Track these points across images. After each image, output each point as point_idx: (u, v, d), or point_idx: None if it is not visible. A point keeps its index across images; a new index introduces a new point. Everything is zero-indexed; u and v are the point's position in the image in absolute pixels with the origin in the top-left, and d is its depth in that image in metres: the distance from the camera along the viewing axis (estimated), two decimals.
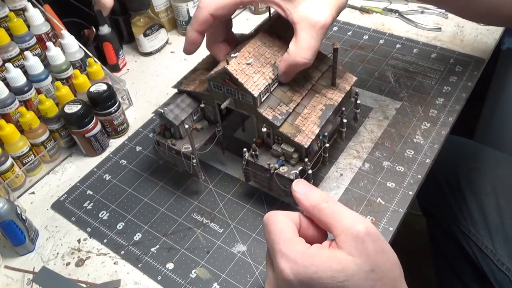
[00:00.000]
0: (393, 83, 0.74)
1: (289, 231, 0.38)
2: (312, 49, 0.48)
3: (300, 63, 0.48)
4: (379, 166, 0.61)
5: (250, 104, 0.51)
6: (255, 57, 0.51)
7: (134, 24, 0.83)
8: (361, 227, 0.36)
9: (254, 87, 0.49)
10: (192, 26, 0.52)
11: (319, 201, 0.39)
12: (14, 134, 0.60)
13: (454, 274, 0.83)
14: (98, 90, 0.64)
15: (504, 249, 0.71)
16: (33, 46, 0.69)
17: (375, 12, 0.91)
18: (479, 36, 0.82)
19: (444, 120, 0.66)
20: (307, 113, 0.53)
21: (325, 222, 0.38)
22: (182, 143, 0.56)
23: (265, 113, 0.51)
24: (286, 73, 0.51)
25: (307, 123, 0.52)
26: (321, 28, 0.47)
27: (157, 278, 0.52)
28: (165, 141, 0.56)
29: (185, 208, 0.59)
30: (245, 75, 0.49)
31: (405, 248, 1.16)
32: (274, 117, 0.51)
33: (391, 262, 0.37)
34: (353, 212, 0.38)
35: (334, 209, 0.38)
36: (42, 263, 0.55)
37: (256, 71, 0.50)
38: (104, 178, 0.64)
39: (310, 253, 0.36)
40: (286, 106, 0.52)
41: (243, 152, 0.53)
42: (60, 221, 0.59)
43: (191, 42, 0.53)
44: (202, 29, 0.51)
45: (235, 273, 0.52)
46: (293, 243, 0.38)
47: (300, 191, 0.41)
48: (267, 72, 0.51)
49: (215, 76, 0.51)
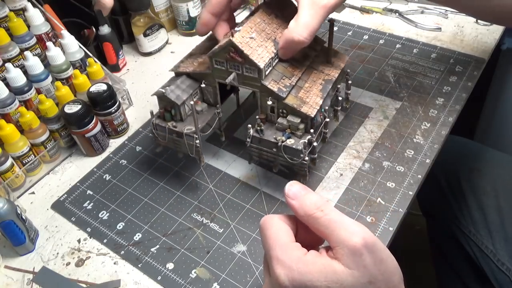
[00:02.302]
0: (393, 83, 0.74)
1: (285, 236, 0.38)
2: (310, 28, 0.48)
3: (295, 40, 0.49)
4: (379, 166, 0.61)
5: (254, 78, 0.52)
6: (256, 33, 0.52)
7: (134, 24, 0.83)
8: (358, 239, 0.35)
9: (260, 59, 0.50)
10: (207, 8, 0.53)
11: (313, 210, 0.37)
12: (14, 134, 0.60)
13: (454, 274, 0.83)
14: (98, 90, 0.64)
15: (504, 249, 0.71)
16: (33, 46, 0.69)
17: (375, 12, 0.91)
18: (479, 36, 0.82)
19: (444, 120, 0.66)
20: (308, 86, 0.55)
21: (321, 232, 0.37)
22: (183, 125, 0.55)
23: (270, 85, 0.52)
24: (284, 49, 0.51)
25: (310, 95, 0.54)
26: (322, 8, 0.47)
27: (157, 278, 0.52)
28: (165, 124, 0.56)
29: (185, 208, 0.59)
30: (249, 47, 0.50)
31: (405, 248, 1.16)
32: (279, 89, 0.52)
33: (390, 270, 0.36)
34: (349, 221, 0.36)
35: (330, 219, 0.36)
36: (42, 263, 0.55)
37: (259, 45, 0.51)
38: (104, 178, 0.64)
39: (306, 260, 0.36)
40: (289, 80, 0.53)
41: (247, 129, 0.53)
42: (60, 221, 0.59)
43: (204, 23, 0.54)
44: (217, 11, 0.52)
45: (235, 273, 0.52)
46: (289, 249, 0.37)
47: (294, 197, 0.38)
48: (269, 47, 0.52)
49: (218, 52, 0.51)
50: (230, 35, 0.50)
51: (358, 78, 0.75)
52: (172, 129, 0.55)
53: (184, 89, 0.56)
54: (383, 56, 0.79)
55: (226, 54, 0.51)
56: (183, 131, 0.55)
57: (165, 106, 0.55)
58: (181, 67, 0.58)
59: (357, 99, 0.71)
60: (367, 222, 0.54)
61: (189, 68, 0.57)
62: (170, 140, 0.57)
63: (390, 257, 0.36)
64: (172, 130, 0.55)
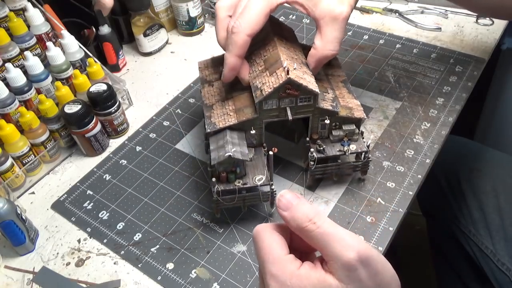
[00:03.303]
0: (393, 83, 0.74)
1: (279, 249, 0.37)
2: (338, 41, 0.51)
3: (329, 56, 0.52)
4: (379, 166, 0.61)
5: (309, 105, 0.53)
6: (290, 61, 0.52)
7: (134, 24, 0.83)
8: (352, 254, 0.34)
9: (312, 85, 0.51)
10: (232, 52, 0.50)
11: (305, 223, 0.36)
12: (14, 134, 0.60)
13: (454, 274, 0.83)
14: (98, 90, 0.64)
15: (504, 249, 0.71)
16: (33, 46, 0.69)
17: (375, 12, 0.91)
18: (479, 36, 0.82)
19: (444, 120, 0.66)
20: (339, 93, 0.58)
21: (314, 244, 0.36)
22: (247, 178, 0.52)
23: (325, 106, 0.54)
24: (316, 68, 0.54)
25: (346, 99, 0.57)
26: (343, 20, 0.50)
27: (157, 278, 0.52)
28: (232, 185, 0.51)
29: (185, 208, 0.59)
30: (300, 78, 0.50)
31: (405, 248, 1.16)
32: (332, 106, 0.54)
33: (386, 281, 0.35)
34: (342, 233, 0.35)
35: (323, 232, 0.35)
36: (42, 263, 0.55)
37: (303, 72, 0.52)
38: (104, 178, 0.64)
39: (300, 275, 0.35)
40: (328, 94, 0.56)
41: (309, 153, 0.55)
42: (60, 221, 0.59)
43: (232, 68, 0.52)
44: (242, 52, 0.51)
45: (235, 273, 0.52)
46: (283, 262, 0.36)
47: (285, 208, 0.37)
48: (307, 71, 0.53)
49: (272, 93, 0.50)
50: (285, 72, 0.49)
51: (358, 78, 0.76)
52: (243, 187, 0.52)
53: (238, 143, 0.52)
54: (383, 56, 0.79)
55: (281, 92, 0.50)
56: (256, 184, 0.52)
57: (226, 168, 0.51)
58: (215, 120, 0.54)
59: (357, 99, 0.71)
60: (367, 222, 0.55)
61: (230, 121, 0.53)
62: (240, 199, 0.53)
63: (386, 267, 0.36)
64: (243, 188, 0.52)
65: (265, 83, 0.51)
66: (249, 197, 0.53)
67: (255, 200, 0.54)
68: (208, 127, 0.54)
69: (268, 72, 0.52)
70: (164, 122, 0.71)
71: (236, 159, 0.50)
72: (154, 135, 0.69)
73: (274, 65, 0.52)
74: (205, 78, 0.61)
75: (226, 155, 0.49)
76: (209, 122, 0.54)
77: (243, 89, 0.55)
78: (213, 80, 0.60)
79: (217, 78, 0.59)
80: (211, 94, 0.58)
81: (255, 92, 0.52)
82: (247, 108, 0.54)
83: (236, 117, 0.53)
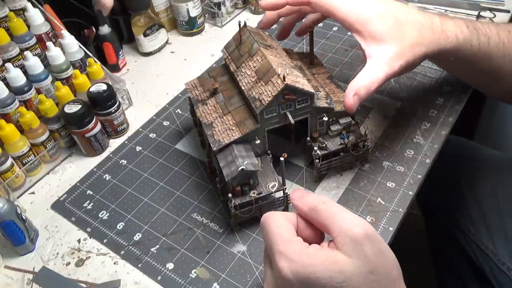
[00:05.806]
0: (393, 83, 0.74)
1: (287, 231, 0.39)
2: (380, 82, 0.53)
3: None
4: (379, 166, 0.61)
5: (306, 105, 0.54)
6: (283, 67, 0.53)
7: (134, 24, 0.83)
8: (359, 229, 0.36)
9: (307, 86, 0.52)
10: None
11: (316, 203, 0.39)
12: (14, 134, 0.60)
13: (454, 274, 0.83)
14: (98, 90, 0.64)
15: (504, 249, 0.71)
16: (33, 46, 0.69)
17: None
18: None
19: (444, 120, 0.66)
20: (329, 90, 0.60)
21: (323, 223, 0.38)
22: (260, 187, 0.53)
23: (321, 104, 0.56)
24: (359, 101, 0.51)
25: (338, 94, 0.59)
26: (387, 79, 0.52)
27: (157, 278, 0.52)
28: (248, 197, 0.52)
29: (185, 208, 0.59)
30: (295, 81, 0.52)
31: (405, 248, 1.16)
32: (327, 103, 0.56)
33: (389, 263, 0.37)
34: (351, 214, 0.38)
35: (332, 211, 0.38)
36: (42, 263, 0.55)
37: (296, 76, 0.53)
38: (104, 178, 0.64)
39: (308, 253, 0.37)
40: (320, 93, 0.58)
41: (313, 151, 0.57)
42: (60, 221, 0.59)
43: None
44: None
45: (235, 273, 0.52)
46: (291, 242, 0.38)
47: (298, 199, 0.41)
48: (299, 74, 0.55)
49: (271, 101, 0.51)
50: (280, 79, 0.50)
51: None
52: (259, 197, 0.52)
53: (247, 155, 0.53)
54: None
55: (280, 99, 0.51)
56: (271, 191, 0.52)
57: (239, 182, 0.51)
58: (219, 136, 0.54)
59: None
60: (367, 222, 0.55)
61: (234, 135, 0.54)
62: (257, 209, 0.53)
63: (389, 251, 0.38)
64: (259, 198, 0.52)
65: (263, 93, 0.52)
66: (265, 205, 0.54)
67: (271, 208, 0.54)
68: (213, 146, 0.54)
69: (263, 81, 0.53)
70: (164, 122, 0.71)
71: (248, 171, 0.51)
72: (154, 135, 0.69)
73: (267, 74, 0.53)
74: (197, 98, 0.60)
75: (239, 169, 0.50)
76: (212, 140, 0.54)
77: (239, 103, 0.57)
78: (206, 99, 0.59)
79: (209, 96, 0.60)
80: (207, 112, 0.58)
81: (254, 103, 0.53)
82: (248, 120, 0.54)
83: (239, 130, 0.54)
